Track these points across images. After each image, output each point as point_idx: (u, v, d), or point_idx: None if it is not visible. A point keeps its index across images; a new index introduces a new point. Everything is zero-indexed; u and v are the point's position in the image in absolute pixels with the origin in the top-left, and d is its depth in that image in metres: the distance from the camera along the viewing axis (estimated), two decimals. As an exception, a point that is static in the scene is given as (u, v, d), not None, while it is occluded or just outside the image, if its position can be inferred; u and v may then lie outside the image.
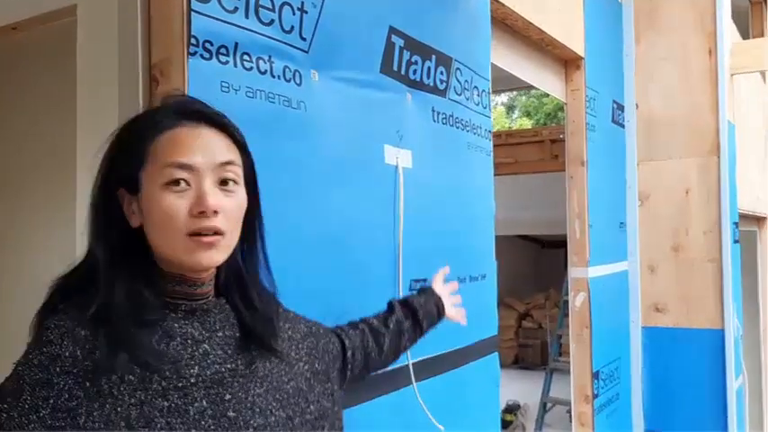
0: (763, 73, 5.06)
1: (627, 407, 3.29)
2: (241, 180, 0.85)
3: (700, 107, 3.27)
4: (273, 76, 1.23)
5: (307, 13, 1.31)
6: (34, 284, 0.84)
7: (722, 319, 3.16)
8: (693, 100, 3.28)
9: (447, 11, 1.82)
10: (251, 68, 1.18)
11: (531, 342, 10.18)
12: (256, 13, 1.19)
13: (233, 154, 0.85)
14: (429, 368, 1.62)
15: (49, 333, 0.75)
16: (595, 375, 2.88)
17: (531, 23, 2.40)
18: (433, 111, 1.74)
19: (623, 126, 3.39)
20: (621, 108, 3.37)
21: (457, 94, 1.86)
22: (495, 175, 2.07)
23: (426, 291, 1.40)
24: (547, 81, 2.81)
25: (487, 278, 2.00)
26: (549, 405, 5.82)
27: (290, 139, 1.26)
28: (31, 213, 1.64)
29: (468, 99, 1.92)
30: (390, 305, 1.31)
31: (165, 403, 0.76)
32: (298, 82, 1.28)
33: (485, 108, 2.02)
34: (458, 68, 1.85)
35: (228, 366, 0.84)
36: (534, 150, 7.02)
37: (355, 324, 1.22)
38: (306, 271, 1.30)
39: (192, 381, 0.79)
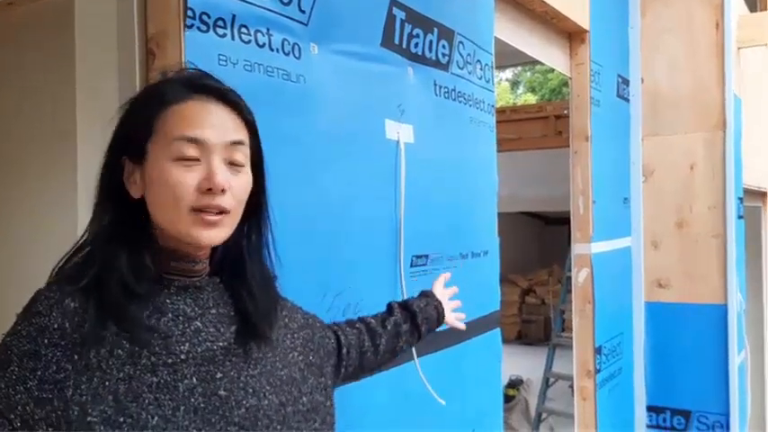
0: (770, 46, 4.99)
1: (629, 382, 3.30)
2: (248, 161, 0.85)
3: (706, 81, 3.22)
4: (272, 50, 1.21)
5: (306, -16, 1.28)
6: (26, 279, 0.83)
7: (725, 295, 3.15)
8: (699, 74, 3.24)
9: (449, -17, 1.79)
10: (249, 41, 1.16)
11: (535, 318, 10.22)
12: (254, -16, 1.17)
13: (243, 134, 0.84)
14: (431, 344, 1.62)
15: (38, 305, 0.75)
16: (597, 350, 2.89)
17: (535, -5, 2.36)
18: (436, 85, 1.72)
19: (628, 100, 3.35)
20: (626, 82, 3.33)
21: (459, 68, 1.83)
22: (498, 151, 2.05)
23: (427, 294, 1.38)
24: (551, 55, 2.77)
25: (489, 254, 1.99)
26: (551, 380, 5.86)
27: (289, 113, 1.24)
28: (27, 195, 1.63)
29: (470, 73, 1.89)
30: (390, 307, 1.30)
31: (155, 379, 0.76)
32: (297, 55, 1.26)
33: (488, 82, 2.00)
34: (460, 42, 1.82)
35: (221, 344, 0.83)
36: (538, 126, 6.97)
37: (353, 322, 1.21)
38: (306, 247, 1.29)
39: (183, 357, 0.79)
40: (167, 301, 0.82)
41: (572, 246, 2.92)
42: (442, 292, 1.40)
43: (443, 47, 1.74)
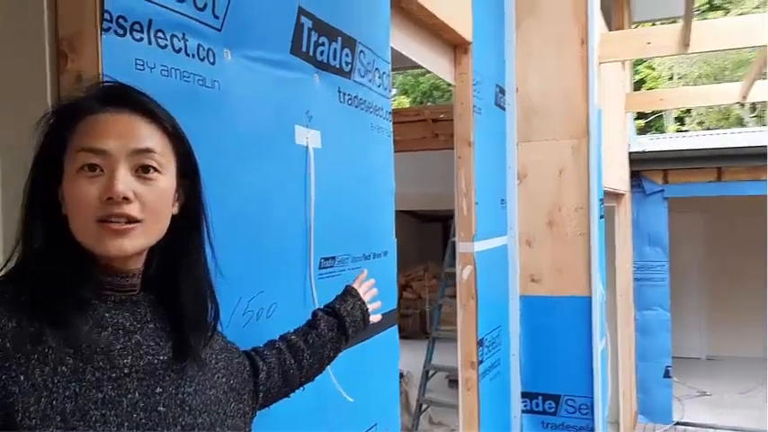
0: (623, 61, 5.52)
1: (506, 371, 3.54)
2: (167, 168, 0.84)
3: (573, 93, 3.53)
4: (188, 55, 1.20)
5: (219, -10, 1.28)
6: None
7: (590, 287, 3.47)
8: (567, 86, 3.54)
9: (351, -8, 1.85)
10: (165, 46, 1.15)
11: (411, 312, 10.59)
12: (170, -12, 1.16)
13: (155, 141, 0.83)
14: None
15: None
16: (480, 343, 3.08)
17: (424, 8, 2.47)
18: (340, 92, 1.77)
19: (504, 109, 3.59)
20: (503, 92, 3.56)
21: (361, 75, 1.89)
22: None
23: (352, 294, 1.40)
24: (437, 64, 2.91)
25: (389, 254, 2.08)
26: (430, 372, 6.10)
27: (204, 118, 1.24)
28: None
29: (371, 81, 1.96)
30: (314, 315, 1.31)
31: (99, 395, 0.75)
32: (211, 60, 1.26)
33: (385, 90, 2.08)
34: (361, 51, 1.88)
35: (161, 358, 0.84)
36: (417, 129, 7.20)
37: (272, 343, 1.21)
38: (220, 251, 1.29)
39: (126, 371, 0.79)
40: (106, 315, 0.81)
41: (456, 244, 3.08)
42: (361, 288, 1.44)
43: (347, 55, 1.79)
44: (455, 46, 3.02)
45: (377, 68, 2.01)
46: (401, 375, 6.85)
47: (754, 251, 8.62)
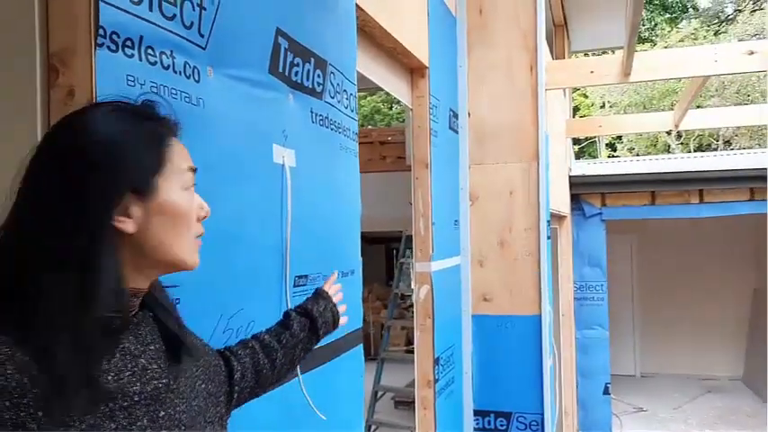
0: (564, 89, 5.77)
1: (460, 389, 3.59)
2: None
3: (523, 117, 3.67)
4: (176, 72, 1.20)
5: (205, 9, 1.29)
6: None
7: (539, 306, 3.58)
8: (517, 111, 3.68)
9: (322, 15, 1.88)
10: (155, 63, 1.15)
11: (367, 331, 10.52)
12: (160, 6, 1.16)
13: None
14: (310, 360, 1.67)
15: None
16: (436, 361, 3.12)
17: (387, 32, 2.54)
18: (312, 112, 1.79)
19: (457, 132, 3.69)
20: (456, 115, 3.67)
21: (331, 96, 1.92)
22: None
23: (323, 296, 1.40)
24: (397, 87, 2.98)
25: (355, 273, 2.10)
26: (379, 393, 6.10)
27: (190, 135, 1.23)
28: None
29: (339, 102, 2.00)
30: (287, 315, 1.30)
31: (113, 425, 0.73)
32: (197, 78, 1.27)
33: (352, 111, 2.12)
34: (332, 72, 1.92)
35: (164, 381, 0.83)
36: (364, 151, 7.24)
37: (246, 342, 1.20)
38: (201, 269, 1.28)
39: (135, 399, 0.77)
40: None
41: (413, 264, 3.13)
42: (330, 289, 1.44)
43: (318, 76, 1.82)
44: (412, 70, 3.10)
45: (345, 90, 2.05)
46: (348, 397, 6.80)
47: (684, 272, 9.07)
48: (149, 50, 1.14)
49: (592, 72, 3.89)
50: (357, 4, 2.19)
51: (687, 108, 4.93)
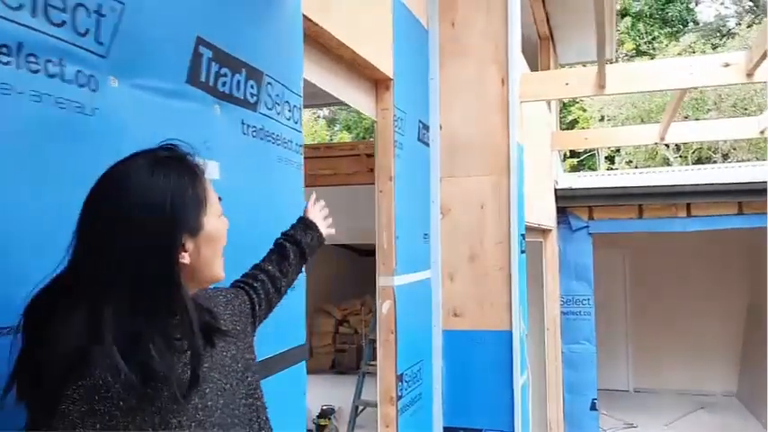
0: (548, 102, 5.73)
1: (429, 405, 3.52)
2: None
3: (494, 130, 3.62)
4: (64, 81, 1.16)
5: (104, 16, 1.25)
6: None
7: (510, 322, 3.51)
8: (489, 123, 3.63)
9: (258, 26, 1.84)
10: (37, 71, 1.11)
11: (347, 347, 10.46)
12: (45, 12, 1.13)
13: None
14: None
15: (91, 369, 0.83)
16: (399, 378, 3.05)
17: (343, 44, 2.50)
18: (243, 124, 1.75)
19: (428, 145, 3.65)
20: (427, 128, 3.62)
21: (268, 108, 1.88)
22: (315, 185, 2.14)
23: (309, 225, 1.57)
24: (359, 99, 2.94)
25: (296, 288, 2.04)
26: (360, 408, 6.02)
27: (82, 146, 1.20)
28: None
29: (279, 114, 1.95)
30: (282, 246, 1.48)
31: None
32: (93, 88, 1.23)
33: (296, 123, 2.07)
34: (269, 83, 1.88)
35: (206, 365, 1.01)
36: (351, 163, 7.22)
37: (255, 275, 1.38)
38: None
39: (209, 404, 1.00)
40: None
41: (377, 278, 3.08)
42: (315, 213, 1.62)
43: (252, 87, 1.78)
44: (376, 81, 3.06)
45: (287, 101, 2.01)
46: (332, 411, 6.73)
47: (677, 286, 8.98)
48: (30, 58, 1.09)
49: (567, 84, 3.85)
50: (307, 16, 2.16)
51: (670, 120, 4.89)
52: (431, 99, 3.65)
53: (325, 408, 6.75)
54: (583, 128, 17.13)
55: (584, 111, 18.31)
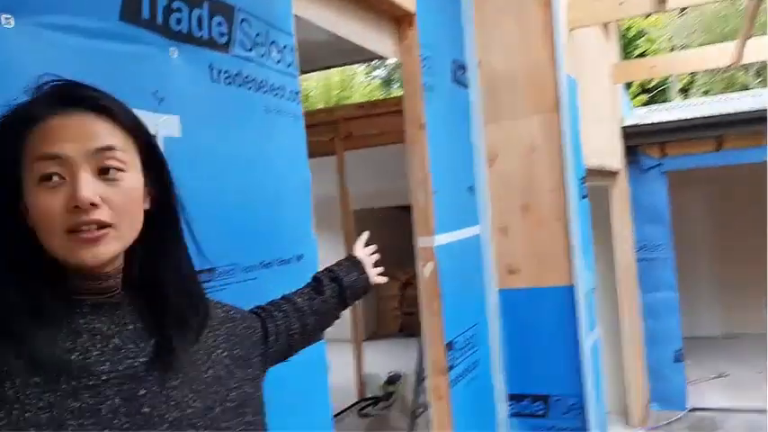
0: (605, 26, 5.17)
1: (487, 372, 3.23)
2: (130, 165, 0.81)
3: (539, 63, 3.21)
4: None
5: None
6: None
7: (572, 276, 3.15)
8: (533, 56, 3.22)
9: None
10: None
11: (415, 309, 10.26)
12: None
13: (115, 138, 0.80)
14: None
15: None
16: (449, 346, 2.77)
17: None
18: (212, 69, 1.47)
19: (466, 86, 3.27)
20: (463, 67, 3.25)
21: (246, 50, 1.59)
22: (364, 147, 1.86)
23: (356, 264, 1.39)
24: (377, 41, 2.60)
25: (305, 258, 1.78)
26: (424, 375, 5.82)
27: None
28: None
29: (263, 56, 1.66)
30: (318, 281, 1.31)
31: (76, 404, 0.74)
32: (-27, 29, 0.97)
33: (288, 66, 1.78)
34: (244, 19, 1.58)
35: (142, 360, 0.82)
36: (400, 120, 6.88)
37: (279, 304, 1.21)
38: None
39: (104, 378, 0.77)
40: (81, 321, 0.79)
41: (415, 239, 2.78)
42: (363, 252, 1.43)
43: (219, 24, 1.50)
44: (397, 19, 2.71)
45: (273, 41, 1.71)
46: (399, 378, 6.56)
47: (761, 224, 8.23)
48: None
49: (621, 4, 3.36)
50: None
51: (746, 36, 4.27)
52: (466, 33, 3.25)
53: (391, 374, 6.59)
54: (651, 61, 15.98)
55: (652, 42, 17.09)
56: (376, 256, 1.47)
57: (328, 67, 5.72)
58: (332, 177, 6.85)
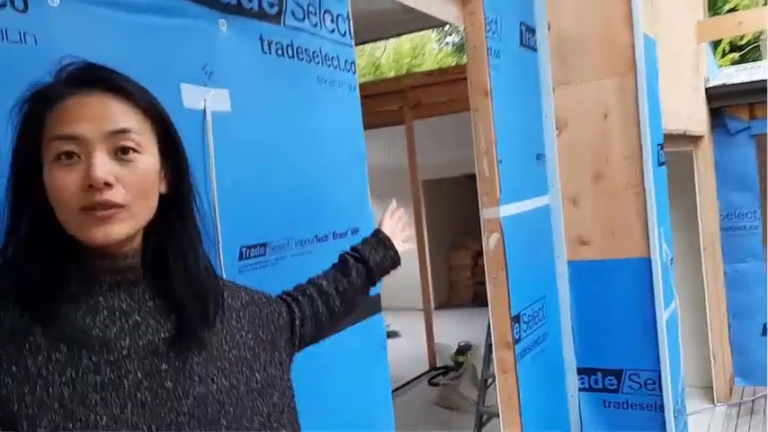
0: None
1: (557, 346, 3.15)
2: (145, 147, 0.81)
3: (613, 22, 3.01)
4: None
5: None
6: None
7: (648, 248, 3.00)
8: (607, 15, 3.03)
9: None
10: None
11: (487, 280, 10.18)
12: None
13: (131, 120, 0.80)
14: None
15: None
16: (515, 319, 2.70)
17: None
18: (262, 40, 1.45)
19: (536, 50, 3.13)
20: (532, 30, 3.10)
21: (298, 20, 1.56)
22: (435, 115, 1.81)
23: (383, 241, 1.34)
24: (438, 5, 2.51)
25: (361, 232, 1.75)
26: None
27: (11, 82, 0.96)
28: None
29: (316, 25, 1.63)
30: (344, 262, 1.28)
31: (98, 377, 0.75)
32: (20, 8, 0.98)
33: (343, 36, 1.74)
34: (295, -12, 1.55)
35: (162, 336, 0.83)
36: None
37: (303, 289, 1.20)
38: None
39: (125, 353, 0.78)
40: (100, 299, 0.80)
41: (480, 210, 2.70)
42: (391, 224, 1.39)
43: (270, -6, 1.47)
44: (460, -19, 2.60)
45: (326, 10, 1.67)
46: (469, 348, 6.53)
47: None
48: None
49: (706, -48, 3.09)
50: None
51: None
52: (535, -6, 3.10)
53: (462, 344, 6.57)
54: (743, 16, 14.85)
55: (744, -3, 15.87)
56: (404, 221, 1.43)
57: (393, 36, 5.61)
58: (402, 147, 6.79)
